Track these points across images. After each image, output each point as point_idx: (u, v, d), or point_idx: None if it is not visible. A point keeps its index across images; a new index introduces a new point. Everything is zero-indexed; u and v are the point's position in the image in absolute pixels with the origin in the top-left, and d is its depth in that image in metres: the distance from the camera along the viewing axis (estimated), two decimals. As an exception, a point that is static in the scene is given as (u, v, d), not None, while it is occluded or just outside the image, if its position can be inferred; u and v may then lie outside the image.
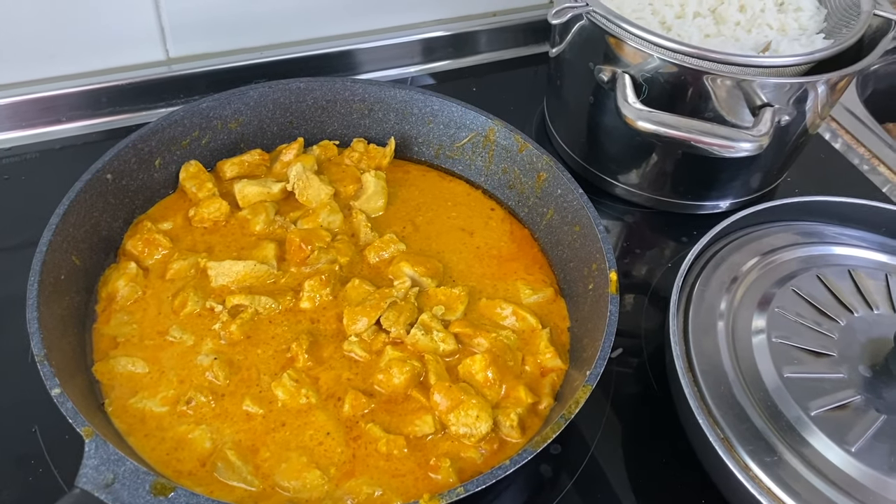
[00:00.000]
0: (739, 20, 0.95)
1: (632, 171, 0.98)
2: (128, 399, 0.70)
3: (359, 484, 0.66)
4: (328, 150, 0.94)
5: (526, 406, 0.72)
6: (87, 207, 0.77)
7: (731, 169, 0.97)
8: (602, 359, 0.68)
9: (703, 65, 0.82)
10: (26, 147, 0.98)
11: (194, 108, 0.86)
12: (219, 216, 0.84)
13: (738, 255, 0.84)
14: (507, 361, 0.75)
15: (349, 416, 0.70)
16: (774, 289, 0.80)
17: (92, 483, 0.57)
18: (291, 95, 0.91)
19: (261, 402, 0.70)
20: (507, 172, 0.91)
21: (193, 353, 0.73)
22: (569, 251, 0.83)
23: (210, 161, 0.89)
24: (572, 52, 0.94)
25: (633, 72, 0.85)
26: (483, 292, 0.83)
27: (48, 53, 0.99)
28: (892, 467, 0.65)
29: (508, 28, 1.25)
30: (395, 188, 0.92)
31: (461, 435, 0.69)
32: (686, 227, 0.99)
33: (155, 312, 0.76)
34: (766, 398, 0.70)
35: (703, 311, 0.78)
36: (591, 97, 0.93)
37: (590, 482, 0.74)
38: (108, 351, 0.73)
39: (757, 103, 0.84)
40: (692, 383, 0.71)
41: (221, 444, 0.67)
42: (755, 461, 0.66)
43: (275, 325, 0.76)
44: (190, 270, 0.79)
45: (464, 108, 0.91)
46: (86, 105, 1.01)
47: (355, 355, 0.75)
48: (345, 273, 0.82)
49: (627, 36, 0.84)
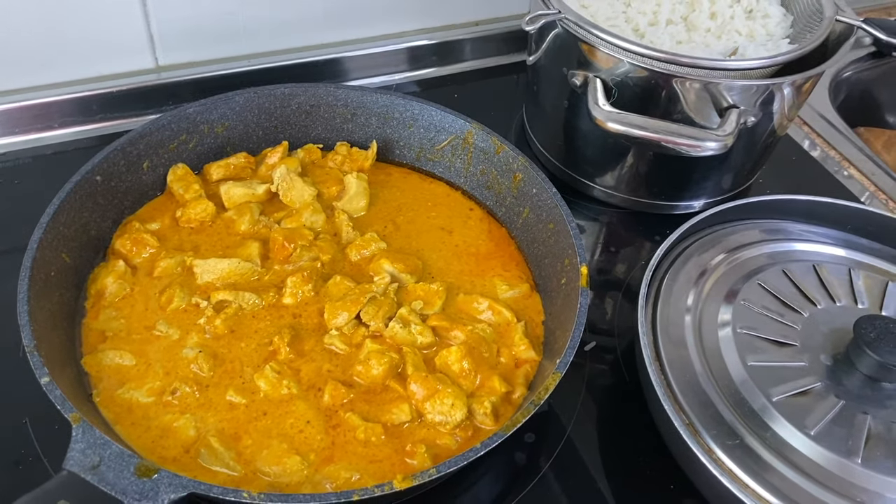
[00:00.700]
0: (710, 27, 0.98)
1: (607, 173, 1.01)
2: (115, 390, 0.72)
3: (337, 469, 0.68)
4: (312, 153, 0.97)
5: (500, 395, 0.74)
6: (77, 207, 0.79)
7: (702, 170, 1.00)
8: (571, 347, 0.71)
9: (672, 68, 0.86)
10: (19, 152, 1.01)
11: (181, 112, 0.89)
12: (205, 216, 0.87)
13: (705, 251, 0.87)
14: (483, 353, 0.78)
15: (329, 406, 0.73)
16: (740, 283, 0.83)
17: (78, 465, 0.59)
18: (276, 101, 0.95)
19: (244, 392, 0.73)
20: (485, 174, 0.94)
21: (179, 346, 0.76)
22: (543, 248, 0.86)
23: (197, 164, 0.92)
24: (547, 58, 0.97)
25: (605, 76, 0.89)
26: (461, 288, 0.86)
27: (41, 61, 1.02)
28: (849, 450, 0.68)
29: (490, 37, 1.29)
30: (377, 190, 0.95)
31: (437, 423, 0.72)
32: (660, 226, 1.02)
33: (142, 308, 0.79)
34: (730, 386, 0.73)
35: (671, 304, 0.80)
36: (566, 102, 0.97)
37: (564, 468, 0.76)
38: (96, 345, 0.76)
39: (723, 105, 0.87)
40: (659, 372, 0.74)
41: (205, 432, 0.70)
42: (718, 445, 0.68)
43: (258, 319, 0.79)
44: (176, 268, 0.82)
45: (443, 112, 0.95)
46: (77, 112, 1.04)
47: (336, 348, 0.77)
48: (327, 270, 0.84)
49: (598, 42, 0.87)
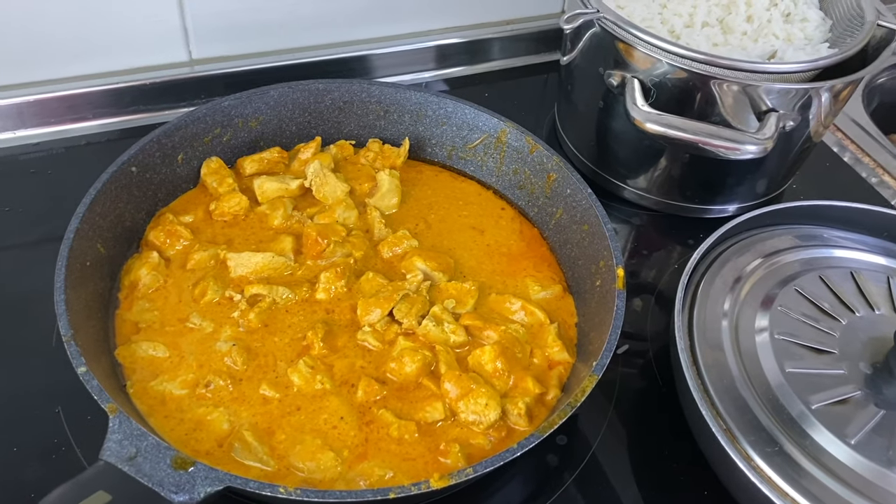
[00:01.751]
0: (746, 30, 0.97)
1: (640, 175, 1.01)
2: (149, 382, 0.72)
3: (371, 466, 0.68)
4: (344, 149, 0.96)
5: (533, 396, 0.74)
6: (112, 198, 0.80)
7: (737, 174, 0.99)
8: (608, 350, 0.70)
9: (711, 70, 0.85)
10: (53, 143, 1.01)
11: (216, 106, 0.89)
12: (238, 210, 0.87)
13: (741, 256, 0.86)
14: (516, 353, 0.77)
15: (362, 402, 0.73)
16: (777, 289, 0.82)
17: (115, 456, 0.59)
18: (310, 96, 0.94)
19: (277, 386, 0.73)
20: (518, 173, 0.94)
21: (212, 339, 0.76)
22: (577, 249, 0.85)
23: (230, 158, 0.92)
24: (583, 57, 0.96)
25: (643, 76, 0.88)
26: (493, 288, 0.85)
27: (75, 53, 1.02)
28: (890, 460, 0.67)
29: (521, 37, 1.28)
30: (408, 187, 0.95)
31: (470, 422, 0.71)
32: (693, 230, 1.01)
33: (176, 300, 0.79)
34: (768, 392, 0.72)
35: (707, 309, 0.80)
36: (601, 102, 0.96)
37: (595, 472, 0.76)
38: (130, 336, 0.76)
39: (762, 108, 0.87)
40: (696, 376, 0.73)
41: (239, 426, 0.69)
42: (757, 452, 0.67)
43: (291, 314, 0.79)
44: (210, 261, 0.82)
45: (477, 111, 0.94)
46: (110, 103, 1.05)
47: (368, 344, 0.77)
48: (359, 267, 0.84)
49: (637, 42, 0.86)
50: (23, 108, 1.00)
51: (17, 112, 1.00)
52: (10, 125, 1.01)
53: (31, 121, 1.01)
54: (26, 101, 1.01)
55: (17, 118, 1.01)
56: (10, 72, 1.01)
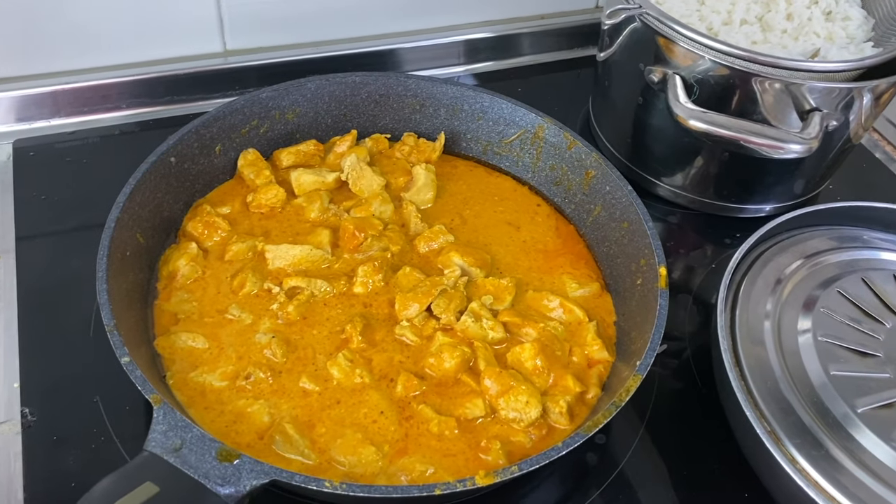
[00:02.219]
0: (786, 28, 0.96)
1: (676, 173, 1.00)
2: (188, 373, 0.72)
3: (412, 461, 0.67)
4: (380, 143, 0.96)
5: (574, 394, 0.73)
6: (151, 188, 0.79)
7: (775, 173, 0.98)
8: (652, 350, 0.69)
9: (754, 67, 0.84)
10: (88, 132, 1.01)
11: (254, 97, 0.89)
12: (276, 202, 0.87)
13: (782, 257, 0.85)
14: (555, 351, 0.77)
15: (401, 397, 0.72)
16: (819, 290, 0.81)
17: (161, 447, 0.59)
18: (347, 89, 0.94)
19: (317, 379, 0.72)
20: (555, 169, 0.93)
21: (251, 331, 0.75)
22: (616, 247, 0.85)
23: (267, 149, 0.92)
24: (622, 53, 0.95)
25: (684, 73, 0.87)
26: (530, 285, 0.84)
27: (111, 42, 1.02)
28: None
29: (552, 32, 1.27)
30: (443, 182, 0.94)
31: (511, 419, 0.71)
32: (728, 229, 1.00)
33: (214, 292, 0.79)
34: (812, 395, 0.71)
35: (749, 309, 0.79)
36: (640, 98, 0.95)
37: (633, 472, 0.75)
38: (168, 326, 0.76)
39: (805, 108, 0.85)
40: (739, 377, 0.72)
41: (279, 419, 0.69)
42: (802, 455, 0.67)
43: (329, 307, 0.78)
44: (248, 253, 0.82)
45: (514, 106, 0.93)
46: (144, 93, 1.04)
47: (407, 339, 0.77)
48: (395, 261, 0.84)
49: (680, 37, 0.85)
50: (58, 96, 1.01)
51: (52, 100, 1.01)
52: (46, 113, 1.01)
53: (65, 109, 1.01)
54: (62, 90, 1.01)
55: (52, 106, 1.01)
56: (47, 60, 1.01)
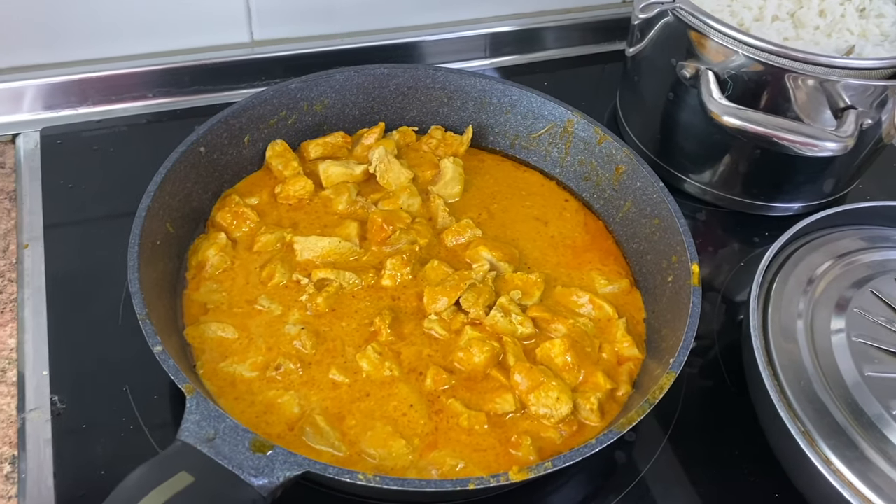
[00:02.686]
0: (819, 24, 0.95)
1: (705, 169, 0.99)
2: (218, 363, 0.72)
3: (442, 455, 0.67)
4: (407, 135, 0.96)
5: (605, 391, 0.73)
6: (181, 177, 0.79)
7: (805, 172, 0.97)
8: (685, 347, 0.69)
9: (789, 64, 0.83)
10: (115, 120, 1.01)
11: (283, 88, 0.89)
12: (304, 194, 0.86)
13: (813, 256, 0.84)
14: (585, 348, 0.76)
15: (431, 391, 0.72)
16: (852, 290, 0.80)
17: (194, 437, 0.59)
18: (375, 80, 0.94)
19: (346, 371, 0.72)
20: (584, 164, 0.92)
21: (281, 322, 0.75)
22: (646, 244, 0.84)
23: (294, 141, 0.92)
24: (654, 48, 0.95)
25: (717, 69, 0.86)
26: (558, 280, 0.84)
27: (140, 31, 1.02)
28: (975, 469, 0.65)
29: (577, 26, 1.26)
30: (470, 176, 0.94)
31: (541, 415, 0.70)
32: (756, 227, 0.99)
33: (243, 282, 0.78)
34: (846, 395, 0.70)
35: (781, 309, 0.78)
36: (671, 93, 0.94)
37: (662, 471, 0.75)
38: (198, 316, 0.75)
39: (840, 105, 0.84)
40: (772, 376, 0.71)
41: (310, 410, 0.69)
42: (837, 455, 0.66)
43: (358, 300, 0.78)
44: (276, 244, 0.81)
45: (543, 99, 0.93)
46: (171, 83, 1.04)
47: (435, 333, 0.76)
48: (423, 254, 0.83)
49: (714, 32, 0.85)
50: (85, 84, 1.01)
51: (80, 89, 1.01)
52: (73, 102, 1.01)
53: (93, 98, 1.02)
54: (89, 78, 1.01)
55: (80, 95, 1.01)
56: (74, 48, 1.01)
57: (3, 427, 0.72)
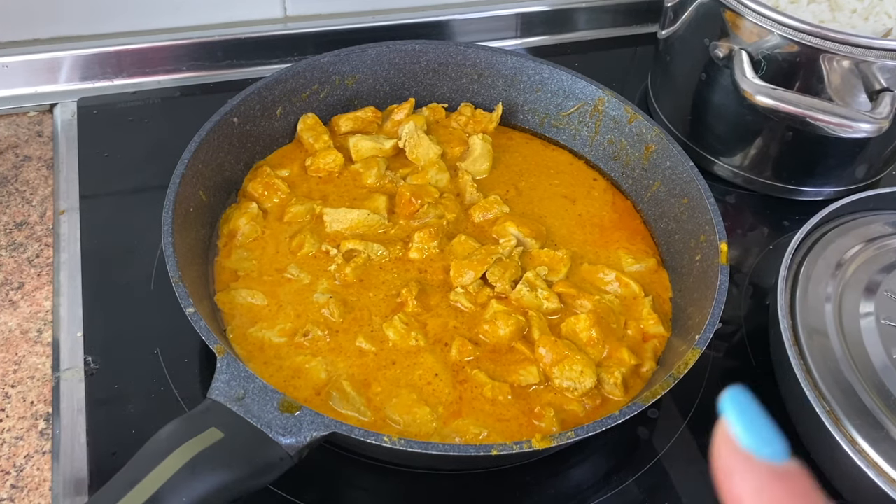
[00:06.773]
0: (856, 8, 0.94)
1: (736, 152, 0.98)
2: (248, 328, 0.73)
3: (465, 424, 0.68)
4: (437, 112, 0.96)
5: (629, 367, 0.73)
6: (214, 147, 0.80)
7: (837, 156, 0.96)
8: (711, 325, 0.69)
9: (824, 44, 0.82)
10: (149, 92, 1.02)
11: (316, 62, 0.89)
12: (334, 167, 0.87)
13: (843, 239, 0.84)
14: (611, 324, 0.76)
15: (456, 361, 0.73)
16: (882, 275, 0.79)
17: (224, 396, 0.60)
18: (406, 56, 0.94)
19: (373, 340, 0.73)
20: (613, 143, 0.92)
21: (309, 290, 0.76)
22: (674, 223, 0.84)
23: (325, 115, 0.92)
24: (687, 28, 0.94)
25: (751, 49, 0.85)
26: (585, 258, 0.84)
27: (175, 5, 1.03)
28: None
29: (609, 8, 1.26)
30: (498, 153, 0.94)
31: (565, 388, 0.71)
32: (786, 211, 0.99)
33: (273, 251, 0.80)
34: (874, 377, 0.70)
35: (809, 291, 0.77)
36: (704, 74, 0.93)
37: (685, 448, 0.75)
38: (228, 283, 0.77)
39: (875, 87, 0.83)
40: (798, 356, 0.71)
41: (336, 376, 0.70)
42: (862, 436, 0.66)
43: (385, 271, 0.79)
44: (306, 215, 0.83)
45: (574, 78, 0.93)
46: (204, 56, 1.06)
47: (461, 306, 0.77)
48: (451, 229, 0.84)
49: (748, 12, 0.84)
50: (122, 56, 1.02)
51: (116, 60, 1.02)
52: (110, 73, 1.03)
53: (128, 70, 1.03)
54: (125, 50, 1.02)
55: (116, 66, 1.02)
56: (111, 20, 1.03)
57: (38, 386, 0.74)
